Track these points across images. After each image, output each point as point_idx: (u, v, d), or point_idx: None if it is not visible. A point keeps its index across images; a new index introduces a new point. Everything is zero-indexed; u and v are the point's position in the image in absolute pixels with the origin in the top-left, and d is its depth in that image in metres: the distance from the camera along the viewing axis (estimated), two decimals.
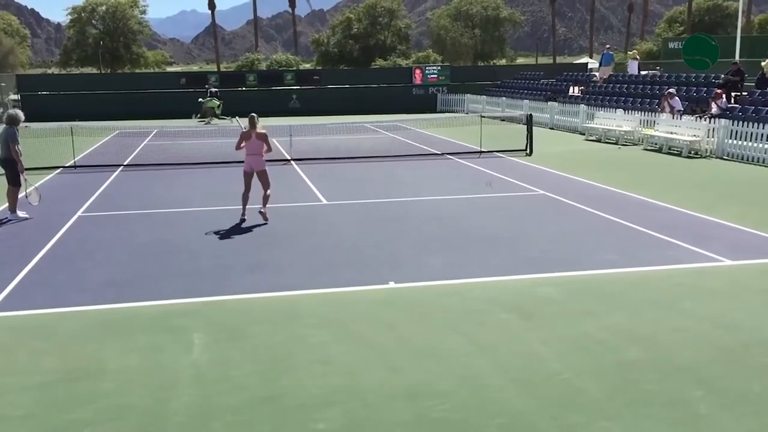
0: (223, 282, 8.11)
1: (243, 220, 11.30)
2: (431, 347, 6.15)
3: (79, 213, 12.14)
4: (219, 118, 32.83)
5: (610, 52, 31.93)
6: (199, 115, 33.02)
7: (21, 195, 11.95)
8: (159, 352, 6.10)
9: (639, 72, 31.49)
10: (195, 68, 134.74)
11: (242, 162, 11.65)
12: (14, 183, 11.80)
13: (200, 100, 33.40)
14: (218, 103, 33.19)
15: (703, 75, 25.12)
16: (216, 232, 10.57)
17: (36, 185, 12.67)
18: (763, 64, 22.38)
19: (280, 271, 8.54)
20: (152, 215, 12.04)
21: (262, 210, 11.23)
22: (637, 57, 34.41)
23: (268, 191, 11.41)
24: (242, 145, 11.40)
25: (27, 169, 12.11)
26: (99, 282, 8.18)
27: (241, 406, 5.13)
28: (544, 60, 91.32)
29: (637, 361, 5.80)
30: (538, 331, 6.50)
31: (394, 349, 6.12)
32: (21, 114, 12.03)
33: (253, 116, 11.37)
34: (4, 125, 11.82)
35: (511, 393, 5.26)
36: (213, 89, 34.56)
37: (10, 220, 11.52)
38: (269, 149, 11.49)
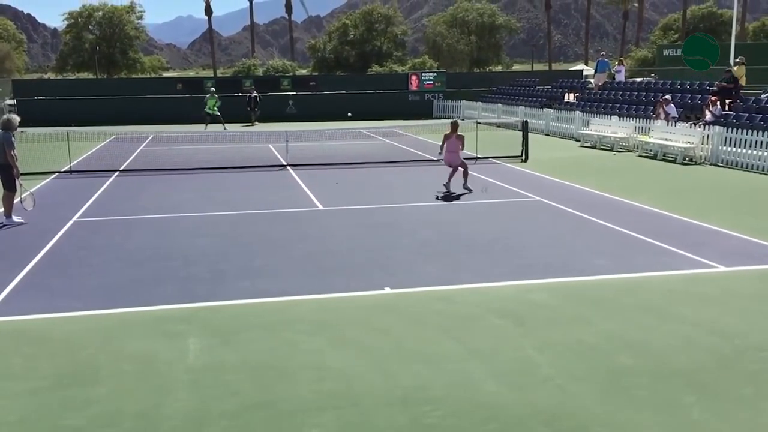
0: (218, 287, 8.11)
1: (446, 189, 14.31)
2: (425, 353, 6.16)
3: (74, 218, 12.14)
4: (212, 121, 30.19)
5: (606, 60, 32.07)
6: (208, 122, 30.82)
7: (16, 200, 11.95)
8: (153, 358, 6.10)
9: (624, 79, 31.77)
10: (191, 74, 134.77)
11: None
12: (9, 188, 11.82)
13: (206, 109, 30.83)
14: (215, 102, 30.77)
15: (698, 82, 25.25)
16: (211, 238, 10.57)
17: (31, 190, 12.66)
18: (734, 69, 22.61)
19: (275, 277, 8.55)
20: (147, 221, 12.03)
21: (465, 186, 14.39)
22: (624, 64, 34.69)
23: (467, 170, 14.62)
24: (443, 145, 14.67)
25: (22, 174, 12.11)
26: (93, 287, 8.18)
27: (236, 411, 5.14)
28: (539, 67, 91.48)
29: (630, 367, 5.83)
30: (531, 336, 6.52)
31: (388, 355, 6.13)
32: (16, 118, 12.04)
33: (455, 121, 14.97)
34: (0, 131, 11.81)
35: (505, 399, 5.28)
36: (254, 94, 33.46)
37: (5, 225, 11.50)
38: (462, 147, 14.68)
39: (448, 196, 13.97)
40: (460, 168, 14.58)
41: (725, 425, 4.88)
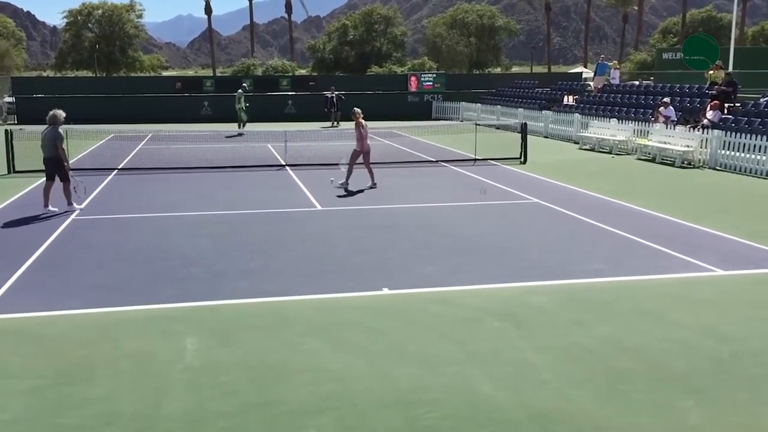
0: (216, 287, 8.10)
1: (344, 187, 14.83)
2: (423, 354, 6.16)
3: (72, 216, 12.12)
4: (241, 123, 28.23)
5: (605, 62, 32.10)
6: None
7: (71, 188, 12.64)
8: (150, 357, 6.09)
9: (619, 82, 31.93)
10: (191, 73, 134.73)
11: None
12: (64, 179, 12.44)
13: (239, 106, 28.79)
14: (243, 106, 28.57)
15: (697, 86, 25.29)
16: (209, 237, 10.56)
17: (80, 179, 13.29)
18: (710, 73, 22.81)
19: (273, 277, 8.54)
20: (146, 219, 12.02)
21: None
22: (618, 67, 34.87)
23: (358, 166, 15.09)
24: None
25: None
26: (91, 286, 8.17)
27: (233, 412, 5.13)
28: (539, 69, 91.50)
29: (627, 371, 5.83)
30: (529, 339, 6.52)
31: (386, 356, 6.12)
32: (62, 113, 12.59)
33: (353, 111, 15.22)
34: (48, 126, 12.45)
35: (502, 401, 5.28)
36: (332, 94, 32.09)
37: (66, 212, 12.19)
38: (361, 135, 14.80)
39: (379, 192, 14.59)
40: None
41: (722, 430, 4.88)
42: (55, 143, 12.22)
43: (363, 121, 14.89)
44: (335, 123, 32.50)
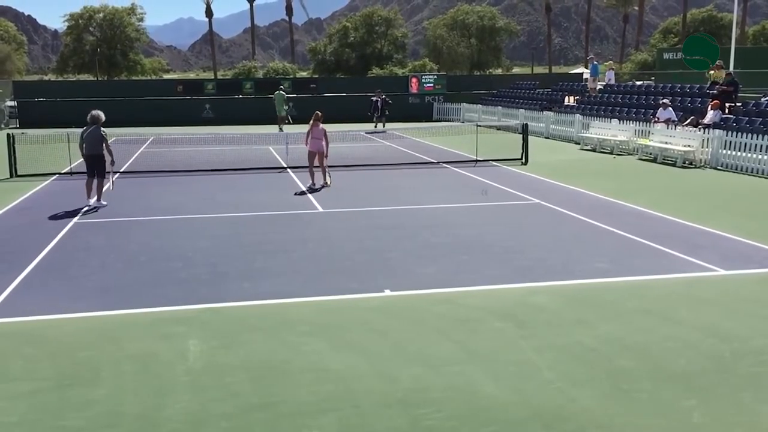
0: (218, 289, 8.11)
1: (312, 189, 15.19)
2: (425, 355, 6.16)
3: (75, 219, 12.15)
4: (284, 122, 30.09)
5: (596, 63, 32.08)
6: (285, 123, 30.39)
7: (106, 186, 13.49)
8: (153, 359, 6.11)
9: (615, 81, 31.93)
10: (192, 76, 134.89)
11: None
12: (102, 175, 13.32)
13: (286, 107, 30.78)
14: (285, 106, 30.74)
15: (698, 86, 25.27)
16: (211, 240, 10.58)
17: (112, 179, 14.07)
18: (711, 73, 22.84)
19: (275, 279, 8.56)
20: (148, 222, 12.04)
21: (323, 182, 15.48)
22: (613, 67, 34.86)
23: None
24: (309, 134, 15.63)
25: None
26: (94, 288, 8.19)
27: (235, 413, 5.14)
28: (539, 69, 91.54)
29: (630, 370, 5.83)
30: (531, 339, 6.53)
31: (388, 357, 6.13)
32: (101, 112, 13.44)
33: (317, 113, 15.92)
34: (92, 126, 13.07)
35: (505, 401, 5.28)
36: (376, 98, 31.56)
37: (95, 208, 12.92)
38: (319, 136, 15.46)
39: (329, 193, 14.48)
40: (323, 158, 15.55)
41: (725, 429, 4.88)
42: (102, 141, 13.03)
43: (321, 124, 15.70)
44: (382, 125, 31.83)
